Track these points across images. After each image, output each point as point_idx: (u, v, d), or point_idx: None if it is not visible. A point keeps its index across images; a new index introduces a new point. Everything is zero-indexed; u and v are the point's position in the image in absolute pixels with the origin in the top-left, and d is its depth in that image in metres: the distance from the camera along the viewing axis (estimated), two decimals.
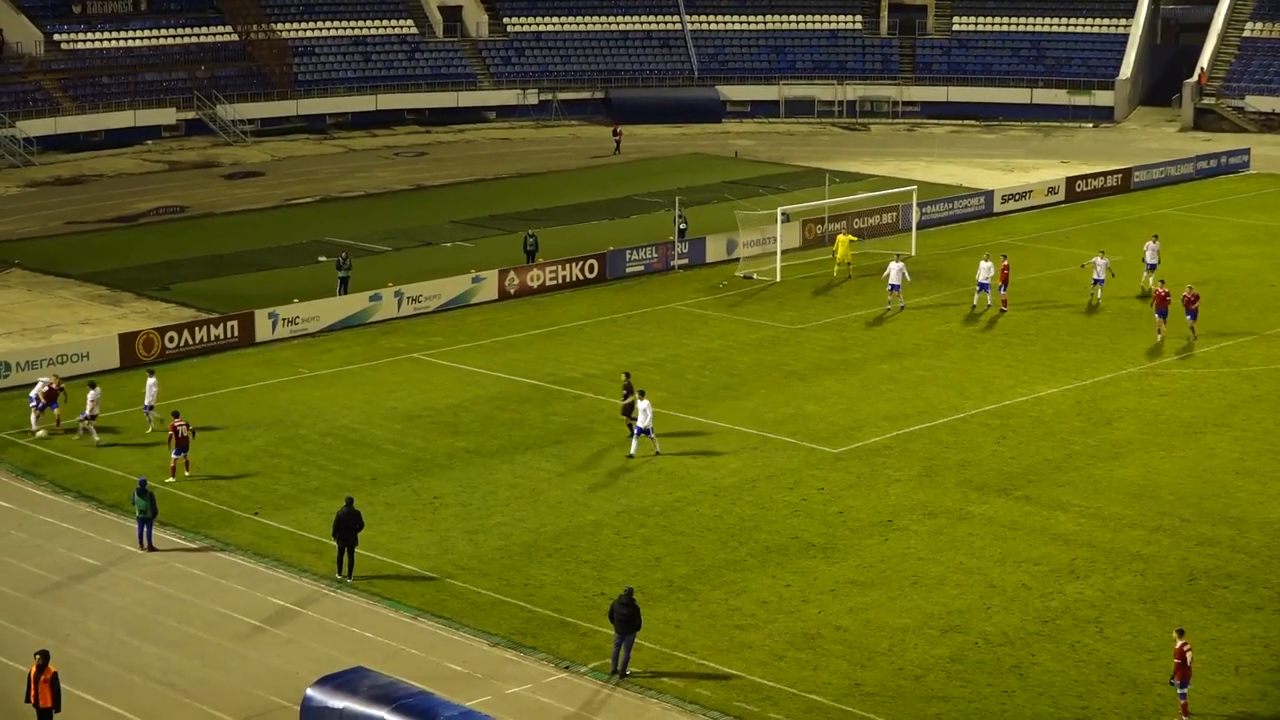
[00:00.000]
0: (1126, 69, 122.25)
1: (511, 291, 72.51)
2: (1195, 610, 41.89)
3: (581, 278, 75.04)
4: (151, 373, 56.78)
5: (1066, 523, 47.62)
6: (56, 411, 55.35)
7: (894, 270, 69.68)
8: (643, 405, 52.81)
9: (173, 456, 50.95)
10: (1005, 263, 70.67)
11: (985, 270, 69.41)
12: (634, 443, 53.03)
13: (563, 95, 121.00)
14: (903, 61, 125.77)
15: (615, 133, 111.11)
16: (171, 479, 50.54)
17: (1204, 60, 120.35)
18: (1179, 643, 36.78)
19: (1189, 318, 64.10)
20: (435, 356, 63.98)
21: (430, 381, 60.78)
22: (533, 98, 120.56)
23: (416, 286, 70.71)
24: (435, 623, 41.67)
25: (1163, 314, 64.38)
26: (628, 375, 55.93)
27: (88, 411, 54.15)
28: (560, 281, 74.30)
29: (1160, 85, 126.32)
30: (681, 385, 60.18)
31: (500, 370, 61.96)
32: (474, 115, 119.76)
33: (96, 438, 54.03)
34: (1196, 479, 50.91)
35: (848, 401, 58.41)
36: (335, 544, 43.83)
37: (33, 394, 55.31)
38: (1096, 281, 70.60)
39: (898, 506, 48.91)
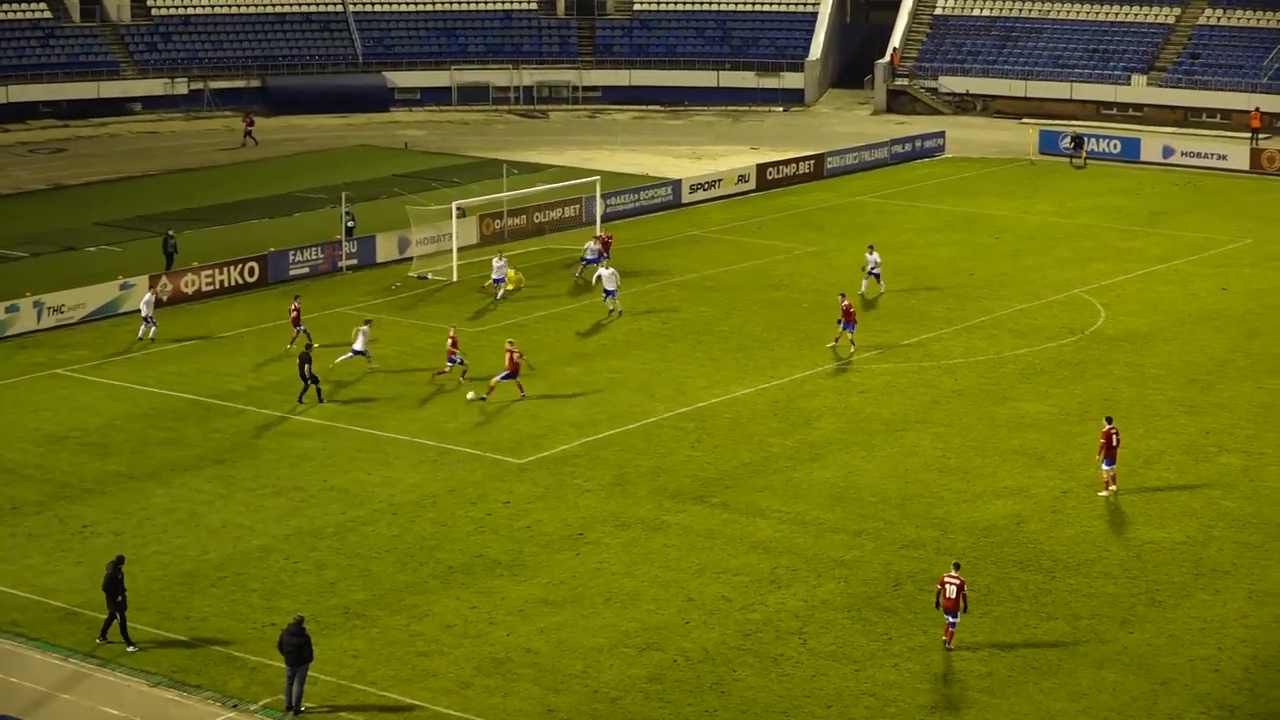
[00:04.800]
0: (816, 49, 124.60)
1: (164, 299, 71.33)
2: (901, 617, 42.92)
3: (241, 282, 74.17)
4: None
5: (766, 529, 48.41)
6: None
7: (606, 276, 69.40)
8: None
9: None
10: (607, 236, 76.23)
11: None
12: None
13: (215, 84, 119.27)
14: (582, 44, 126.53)
15: (248, 122, 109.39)
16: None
17: (896, 40, 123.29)
18: (949, 574, 40.89)
19: (847, 329, 63.66)
20: (81, 372, 62.71)
21: (76, 399, 59.57)
22: (182, 87, 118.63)
23: (58, 296, 69.25)
24: (89, 664, 40.86)
25: (849, 326, 63.99)
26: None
27: None
28: (218, 286, 73.35)
29: (851, 66, 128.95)
30: (352, 395, 59.84)
31: (154, 385, 60.97)
32: (117, 107, 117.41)
33: None
34: (899, 479, 52.14)
35: (533, 408, 58.62)
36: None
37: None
38: (872, 273, 71.33)
39: (588, 518, 49.25)
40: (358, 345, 62.22)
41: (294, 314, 65.11)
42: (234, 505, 50.30)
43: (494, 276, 72.16)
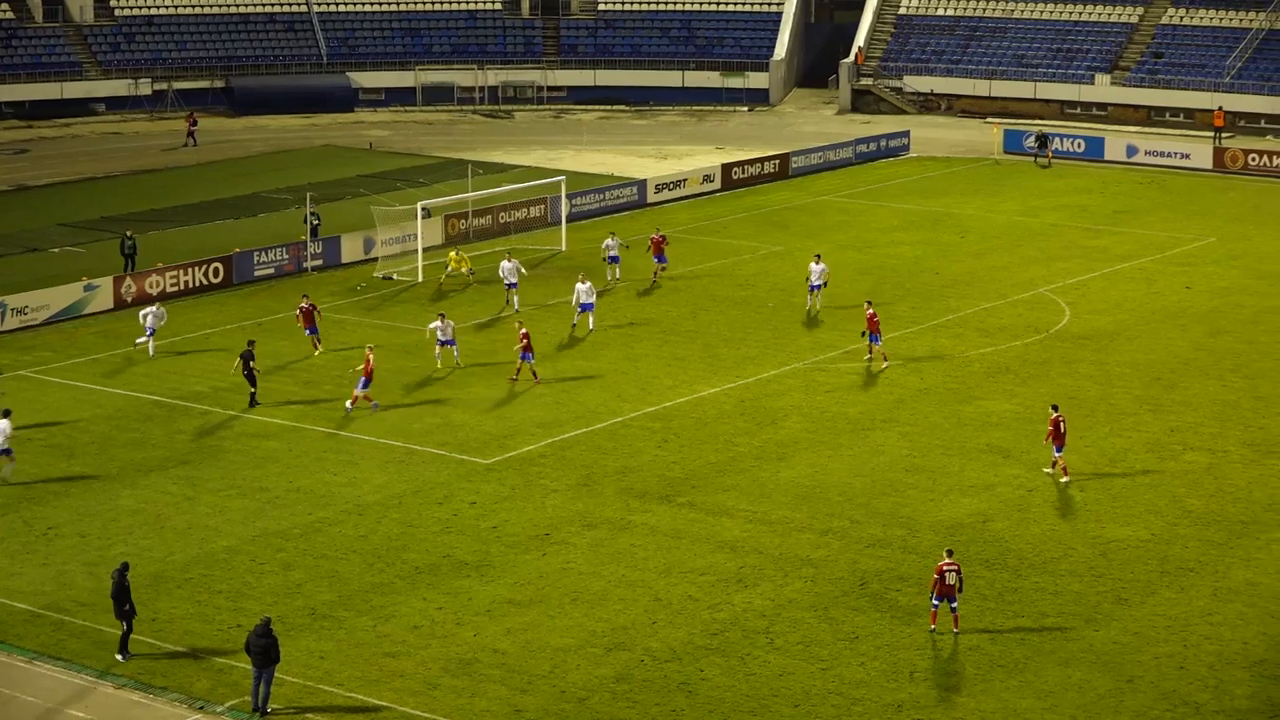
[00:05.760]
0: (781, 49, 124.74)
1: (128, 300, 71.12)
2: (868, 615, 42.99)
3: (206, 283, 73.96)
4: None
5: (733, 529, 48.44)
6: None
7: (581, 290, 67.25)
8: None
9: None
10: (659, 235, 75.27)
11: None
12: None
13: (179, 85, 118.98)
14: (546, 44, 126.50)
15: (190, 122, 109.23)
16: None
17: (860, 39, 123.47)
18: (944, 562, 41.57)
19: (873, 340, 62.54)
20: (45, 373, 62.50)
21: (41, 401, 59.34)
22: (146, 88, 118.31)
23: (21, 297, 69.00)
24: (54, 666, 40.74)
25: (875, 339, 62.81)
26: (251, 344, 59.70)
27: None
28: (182, 287, 73.13)
29: (816, 66, 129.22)
30: (319, 395, 59.72)
31: (118, 386, 60.79)
32: (81, 107, 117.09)
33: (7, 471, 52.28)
34: (865, 478, 52.21)
35: (499, 408, 58.59)
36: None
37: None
38: (814, 288, 69.07)
39: (555, 518, 49.23)
40: (444, 337, 61.99)
41: (301, 312, 64.64)
42: (200, 506, 50.17)
43: (506, 281, 70.11)
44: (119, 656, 40.89)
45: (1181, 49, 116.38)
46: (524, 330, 60.75)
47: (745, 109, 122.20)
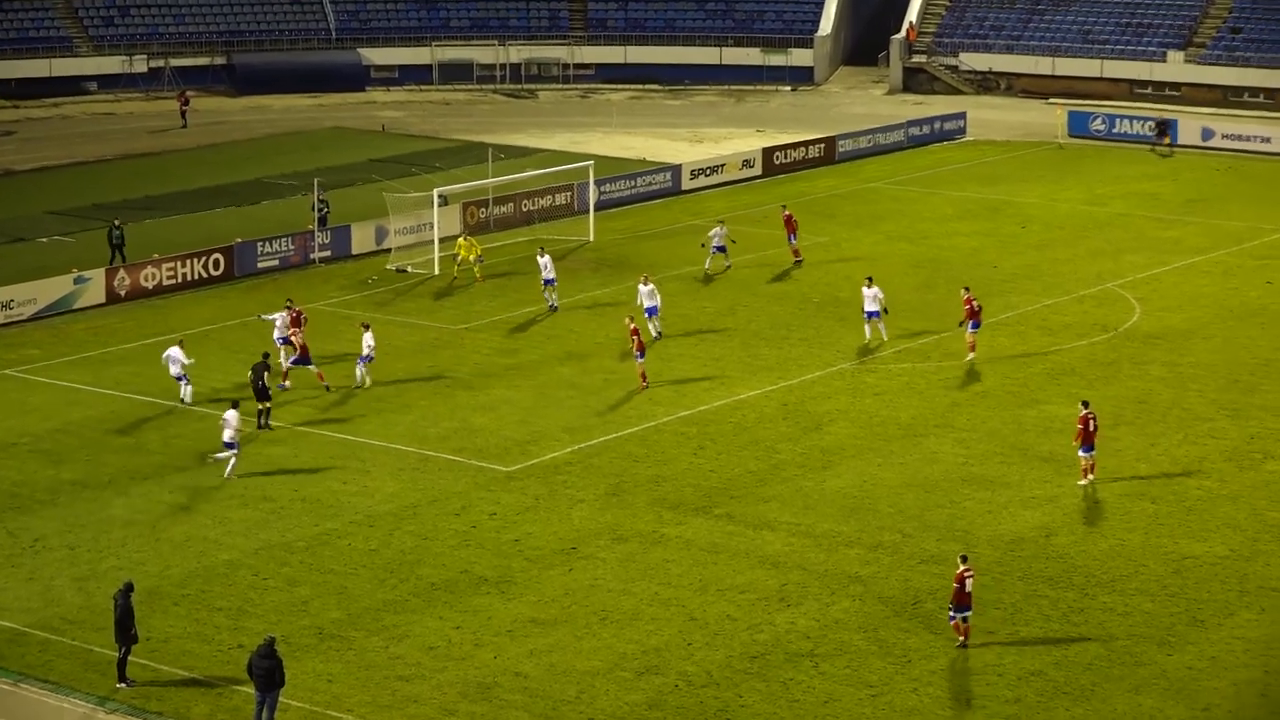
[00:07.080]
0: (827, 24, 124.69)
1: (122, 294, 71.34)
2: (921, 637, 42.88)
3: (205, 275, 74.10)
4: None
5: (775, 543, 48.37)
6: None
7: (645, 292, 66.03)
8: None
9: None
10: (786, 213, 76.05)
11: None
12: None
13: (176, 62, 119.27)
14: (573, 18, 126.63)
15: (182, 100, 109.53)
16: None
17: (912, 14, 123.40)
18: (961, 568, 41.93)
19: (973, 329, 62.45)
20: (31, 372, 62.68)
21: (27, 402, 59.51)
22: (141, 65, 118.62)
23: (7, 290, 69.27)
24: (41, 688, 40.77)
25: (975, 326, 62.90)
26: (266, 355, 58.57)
27: (228, 437, 53.01)
28: (180, 280, 73.29)
29: (864, 42, 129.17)
30: (326, 398, 59.79)
31: (111, 387, 60.94)
32: (71, 86, 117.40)
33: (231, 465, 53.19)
34: (918, 488, 52.10)
35: (521, 412, 58.60)
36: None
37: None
38: (870, 315, 65.22)
39: (582, 531, 49.20)
40: (365, 352, 61.05)
41: (292, 316, 62.94)
42: (198, 517, 50.23)
43: (545, 277, 69.35)
44: (122, 685, 40.88)
45: (1261, 23, 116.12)
46: (634, 327, 60.66)
47: (788, 88, 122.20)
